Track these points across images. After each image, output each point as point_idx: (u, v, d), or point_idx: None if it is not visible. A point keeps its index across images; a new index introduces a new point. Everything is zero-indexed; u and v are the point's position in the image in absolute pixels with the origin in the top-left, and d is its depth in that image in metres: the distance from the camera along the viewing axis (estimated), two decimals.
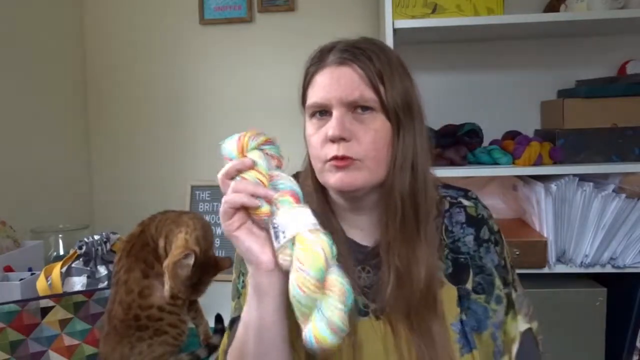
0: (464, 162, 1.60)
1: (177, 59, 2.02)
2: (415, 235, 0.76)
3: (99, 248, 1.35)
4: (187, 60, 2.02)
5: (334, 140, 0.73)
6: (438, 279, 0.77)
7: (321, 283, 0.62)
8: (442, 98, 1.86)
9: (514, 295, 0.81)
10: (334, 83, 0.75)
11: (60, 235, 1.73)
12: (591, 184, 1.50)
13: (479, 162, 1.60)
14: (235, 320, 0.84)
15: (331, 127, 0.73)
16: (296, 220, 0.65)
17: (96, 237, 1.37)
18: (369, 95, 0.74)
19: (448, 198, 0.84)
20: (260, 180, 0.68)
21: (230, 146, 0.72)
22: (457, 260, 0.80)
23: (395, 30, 1.50)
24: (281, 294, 0.69)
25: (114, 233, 1.42)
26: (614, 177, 1.57)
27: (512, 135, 1.69)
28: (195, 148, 2.03)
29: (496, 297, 0.79)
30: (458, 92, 1.85)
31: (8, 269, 1.41)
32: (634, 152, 1.55)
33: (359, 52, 0.76)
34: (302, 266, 0.62)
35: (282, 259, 0.65)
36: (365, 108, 0.75)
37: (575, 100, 1.59)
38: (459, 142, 1.64)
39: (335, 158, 0.73)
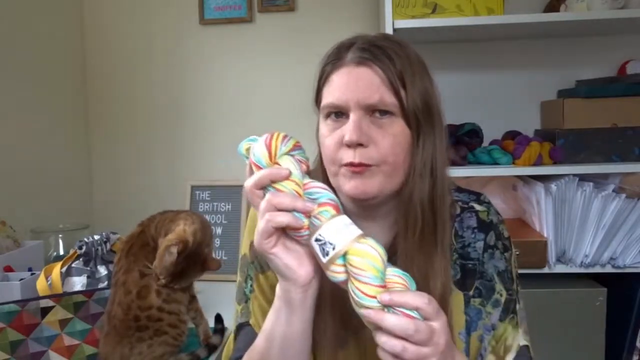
0: (464, 162, 1.60)
1: (177, 59, 2.02)
2: (432, 245, 0.72)
3: (99, 248, 1.35)
4: (187, 60, 2.02)
5: (350, 145, 0.70)
6: (449, 289, 0.74)
7: (383, 285, 0.61)
8: (442, 98, 1.85)
9: (517, 306, 0.79)
10: (352, 84, 0.71)
11: (60, 235, 1.73)
12: (591, 184, 1.50)
13: (479, 162, 1.60)
14: (242, 326, 0.82)
15: (348, 131, 0.69)
16: (342, 232, 0.62)
17: (96, 237, 1.37)
18: (389, 99, 0.70)
19: (460, 203, 0.81)
20: (297, 192, 0.65)
21: (259, 151, 0.67)
22: (466, 266, 0.78)
23: (395, 30, 1.50)
24: (312, 307, 0.68)
25: (114, 233, 1.42)
26: (614, 177, 1.57)
27: (512, 135, 1.69)
28: (195, 148, 2.03)
29: (494, 301, 0.77)
30: (458, 92, 1.85)
31: (8, 269, 1.41)
32: (634, 152, 1.55)
33: (378, 52, 0.71)
34: (361, 274, 0.60)
35: (333, 271, 0.62)
36: (384, 112, 0.71)
37: (575, 100, 1.59)
38: (459, 142, 1.64)
39: (351, 164, 0.70)
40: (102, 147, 2.09)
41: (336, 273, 0.62)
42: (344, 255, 0.62)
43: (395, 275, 0.62)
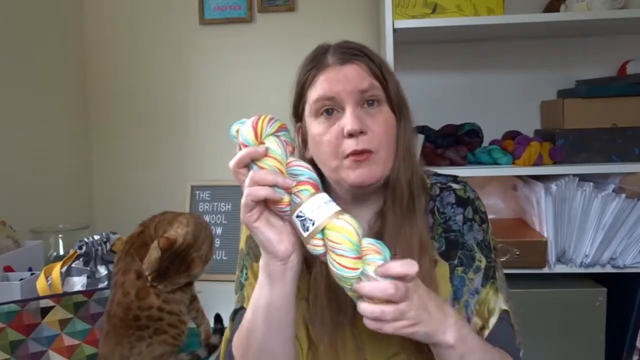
0: (464, 162, 1.60)
1: (177, 59, 2.02)
2: (413, 216, 0.80)
3: (99, 248, 1.35)
4: (187, 60, 2.02)
5: (353, 134, 0.75)
6: (432, 256, 0.81)
7: (359, 256, 0.66)
8: (442, 98, 1.86)
9: (497, 274, 0.83)
10: (341, 78, 0.77)
11: (60, 235, 1.73)
12: (591, 184, 1.50)
13: (479, 162, 1.60)
14: (237, 311, 0.87)
15: (348, 122, 0.75)
16: (321, 209, 0.67)
17: (96, 237, 1.37)
18: (377, 84, 0.78)
19: (438, 184, 0.88)
20: (279, 169, 0.69)
21: (245, 131, 0.72)
22: (449, 238, 0.84)
23: (395, 30, 1.50)
24: (292, 281, 0.73)
25: (114, 233, 1.42)
26: (614, 177, 1.57)
27: (512, 135, 1.69)
28: (195, 148, 2.03)
29: (475, 268, 0.82)
30: (458, 92, 1.85)
31: (8, 269, 1.41)
32: (634, 152, 1.55)
33: (356, 52, 0.80)
34: (338, 247, 0.65)
35: (313, 245, 0.68)
36: (372, 102, 0.78)
37: (575, 100, 1.59)
38: (459, 142, 1.65)
39: (354, 153, 0.75)
40: (102, 147, 2.09)
41: (316, 247, 0.68)
42: (323, 231, 0.67)
43: (370, 245, 0.67)
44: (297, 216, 0.68)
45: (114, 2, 2.04)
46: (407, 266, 0.64)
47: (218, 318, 1.26)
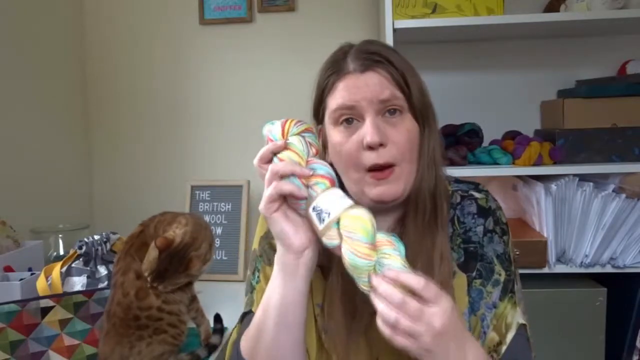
0: (464, 162, 1.60)
1: (177, 59, 2.02)
2: (435, 229, 0.78)
3: (99, 248, 1.35)
4: (187, 60, 2.02)
5: (373, 146, 0.73)
6: (451, 267, 0.78)
7: (373, 245, 0.66)
8: (442, 98, 1.84)
9: (515, 287, 0.82)
10: (361, 86, 0.75)
11: (60, 235, 1.73)
12: (591, 184, 1.50)
13: (479, 162, 1.60)
14: (246, 314, 0.86)
15: (368, 133, 0.73)
16: (336, 202, 0.69)
17: (96, 237, 1.37)
18: (399, 94, 0.76)
19: (459, 192, 0.85)
20: (297, 162, 0.71)
21: (274, 129, 0.75)
22: (468, 249, 0.82)
23: (395, 30, 1.50)
24: (306, 277, 0.73)
25: (114, 233, 1.42)
26: (614, 177, 1.57)
27: (512, 135, 1.69)
28: (195, 148, 2.03)
29: (494, 281, 0.80)
30: (458, 92, 1.85)
31: (8, 269, 1.41)
32: (634, 152, 1.55)
33: (378, 57, 0.77)
34: (353, 234, 0.66)
35: (328, 237, 0.69)
36: (394, 111, 0.76)
37: (575, 100, 1.59)
38: (459, 142, 1.65)
39: (376, 168, 0.74)
40: (102, 147, 2.09)
41: (331, 238, 0.68)
42: (338, 222, 0.68)
43: (385, 237, 0.68)
44: (313, 209, 0.69)
45: (114, 2, 2.04)
46: (417, 281, 0.63)
47: (218, 318, 1.26)
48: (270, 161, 0.72)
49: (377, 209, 0.78)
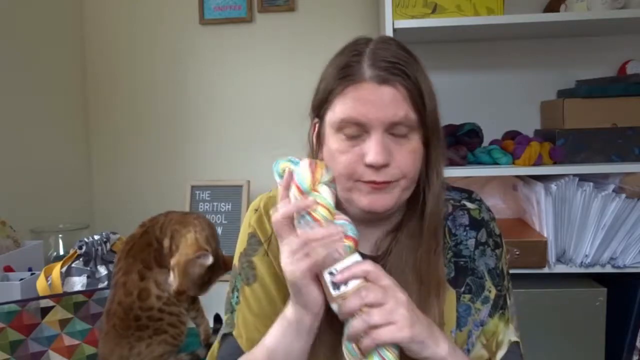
0: (464, 162, 1.60)
1: (177, 59, 2.02)
2: (433, 244, 0.75)
3: (99, 248, 1.35)
4: (186, 60, 2.02)
5: (375, 166, 0.69)
6: (445, 289, 0.75)
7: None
8: (442, 98, 1.84)
9: (508, 302, 0.79)
10: (376, 101, 0.69)
11: (60, 235, 1.73)
12: (591, 184, 1.50)
13: (479, 162, 1.60)
14: (226, 336, 0.82)
15: (373, 152, 0.68)
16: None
17: (96, 237, 1.37)
18: (412, 116, 0.70)
19: (451, 201, 0.81)
20: (329, 219, 0.67)
21: (302, 173, 0.68)
22: (458, 263, 0.78)
23: (395, 30, 1.50)
24: (315, 332, 0.70)
25: (114, 233, 1.42)
26: (614, 177, 1.56)
27: (512, 135, 1.69)
28: (195, 148, 2.03)
29: (483, 298, 0.78)
30: (458, 92, 1.85)
31: (8, 269, 1.41)
32: (634, 152, 1.55)
33: (397, 69, 0.70)
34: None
35: (337, 304, 0.65)
36: (404, 129, 0.71)
37: (575, 100, 1.59)
38: (459, 142, 1.64)
39: (373, 182, 0.70)
40: (102, 147, 2.09)
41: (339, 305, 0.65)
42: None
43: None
44: (330, 273, 0.65)
45: (114, 3, 2.04)
46: (362, 266, 0.65)
47: (218, 318, 1.26)
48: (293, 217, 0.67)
49: (366, 219, 0.76)
